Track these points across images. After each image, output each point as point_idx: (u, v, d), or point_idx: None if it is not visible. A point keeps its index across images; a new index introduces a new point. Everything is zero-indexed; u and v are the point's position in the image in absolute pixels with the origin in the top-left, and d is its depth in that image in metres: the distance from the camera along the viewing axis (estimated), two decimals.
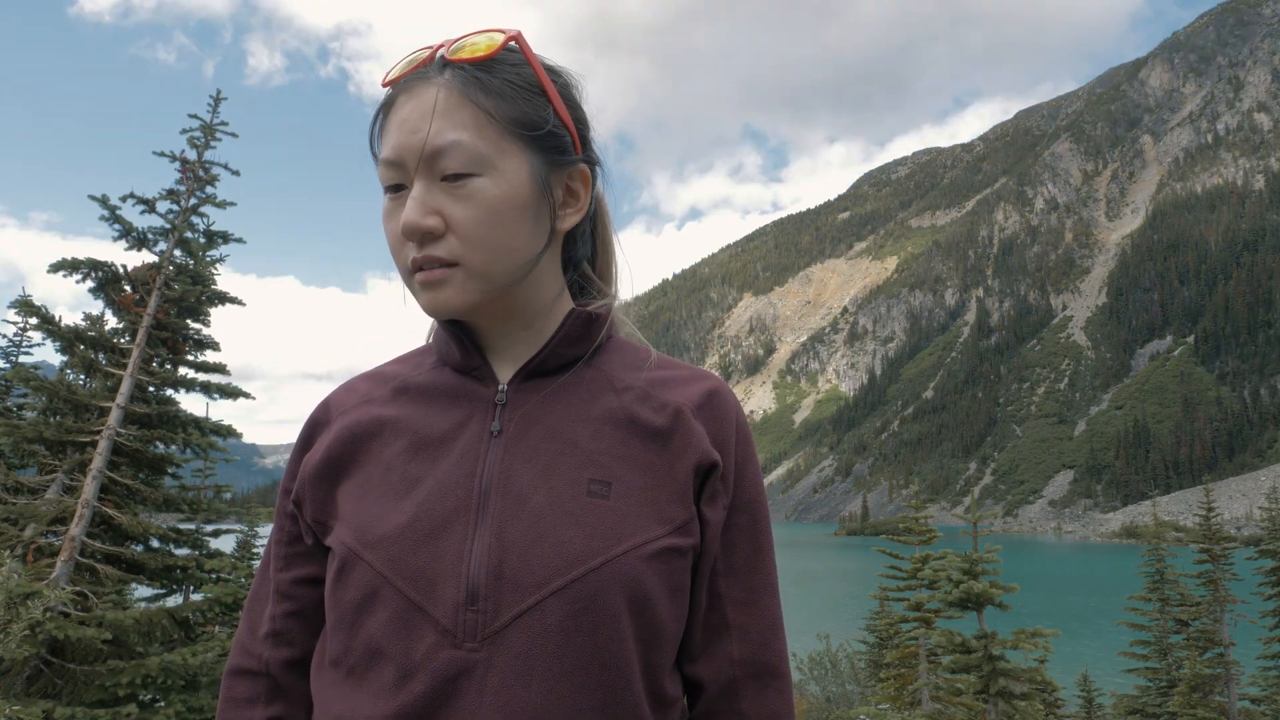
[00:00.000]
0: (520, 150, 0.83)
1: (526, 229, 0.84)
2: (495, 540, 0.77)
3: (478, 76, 0.82)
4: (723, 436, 0.89)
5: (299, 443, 0.96)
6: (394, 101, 0.83)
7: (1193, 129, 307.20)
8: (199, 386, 8.49)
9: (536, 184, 0.84)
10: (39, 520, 7.27)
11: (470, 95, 0.81)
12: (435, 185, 0.81)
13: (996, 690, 10.51)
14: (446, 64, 0.83)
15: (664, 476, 0.85)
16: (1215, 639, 16.85)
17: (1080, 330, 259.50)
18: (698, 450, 0.86)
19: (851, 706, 16.80)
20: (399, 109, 0.83)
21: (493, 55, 0.83)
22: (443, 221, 0.81)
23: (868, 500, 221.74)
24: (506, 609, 0.75)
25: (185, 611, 7.47)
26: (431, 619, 0.78)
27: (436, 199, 0.81)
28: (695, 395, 0.90)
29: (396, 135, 0.82)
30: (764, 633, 0.88)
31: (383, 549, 0.80)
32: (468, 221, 0.80)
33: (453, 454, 0.84)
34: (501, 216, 0.82)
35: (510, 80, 0.84)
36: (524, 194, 0.83)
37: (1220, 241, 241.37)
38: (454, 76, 0.82)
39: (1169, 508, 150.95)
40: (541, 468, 0.83)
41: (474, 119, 0.81)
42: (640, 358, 0.94)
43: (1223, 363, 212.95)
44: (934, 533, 15.32)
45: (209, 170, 8.63)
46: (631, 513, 0.81)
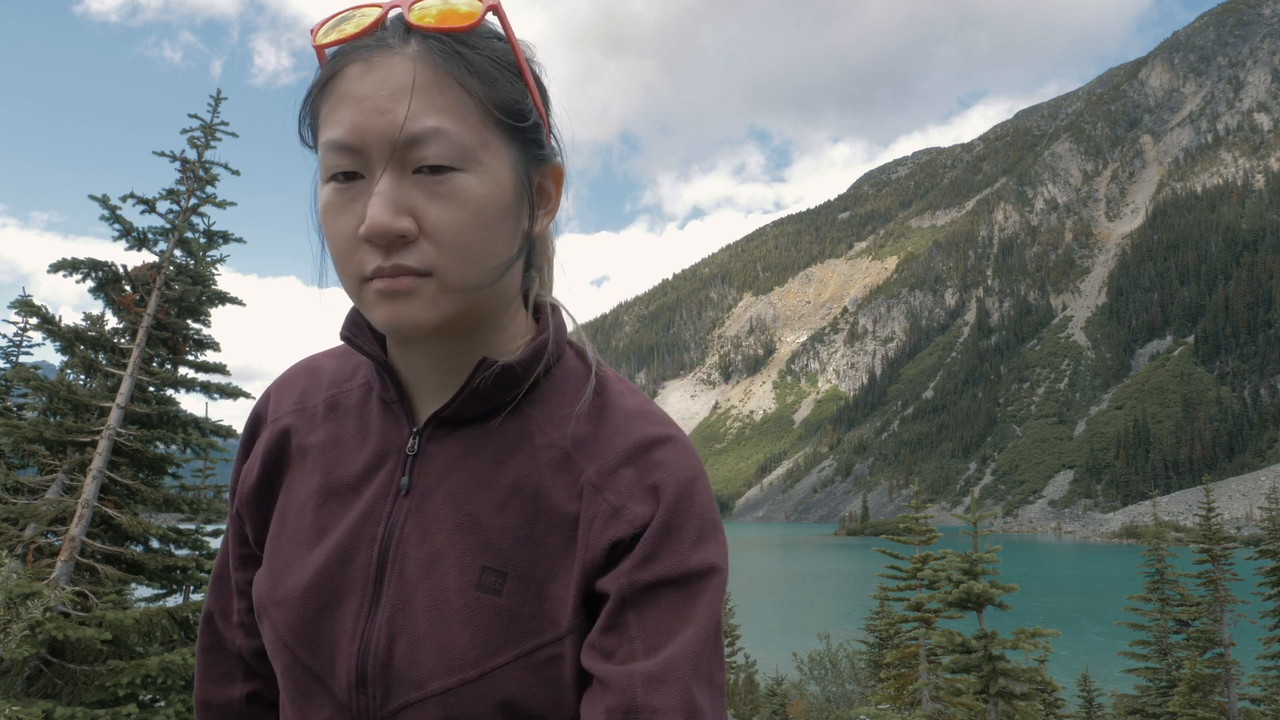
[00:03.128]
0: (502, 142, 0.72)
1: (505, 235, 0.74)
2: (385, 627, 0.73)
3: (458, 51, 0.70)
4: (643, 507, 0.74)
5: (244, 436, 0.92)
6: (341, 70, 0.70)
7: (1193, 129, 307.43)
8: (199, 386, 8.49)
9: (517, 182, 0.74)
10: (39, 520, 7.27)
11: (453, 73, 0.69)
12: (406, 179, 0.68)
13: (996, 690, 10.52)
14: (411, 30, 0.70)
15: (566, 568, 0.74)
16: (1215, 639, 16.86)
17: (1080, 330, 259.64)
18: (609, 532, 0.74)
19: (851, 706, 16.81)
20: (352, 81, 0.69)
21: (475, 26, 0.70)
22: (415, 224, 0.68)
23: (868, 500, 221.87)
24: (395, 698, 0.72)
25: (185, 611, 7.47)
26: (329, 691, 0.76)
27: (409, 196, 0.68)
28: (619, 456, 0.76)
29: (355, 114, 0.68)
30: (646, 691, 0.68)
31: (284, 611, 0.77)
32: (448, 225, 0.68)
33: (359, 506, 0.79)
34: (484, 220, 0.70)
35: (492, 58, 0.72)
36: (507, 194, 0.73)
37: (1220, 241, 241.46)
38: (427, 48, 0.69)
39: (1169, 508, 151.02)
40: (436, 548, 0.75)
41: (457, 103, 0.69)
42: (589, 403, 0.80)
43: (1223, 363, 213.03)
44: (934, 533, 15.33)
45: (209, 170, 8.63)
46: (523, 613, 0.73)
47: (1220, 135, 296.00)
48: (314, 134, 0.73)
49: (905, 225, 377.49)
